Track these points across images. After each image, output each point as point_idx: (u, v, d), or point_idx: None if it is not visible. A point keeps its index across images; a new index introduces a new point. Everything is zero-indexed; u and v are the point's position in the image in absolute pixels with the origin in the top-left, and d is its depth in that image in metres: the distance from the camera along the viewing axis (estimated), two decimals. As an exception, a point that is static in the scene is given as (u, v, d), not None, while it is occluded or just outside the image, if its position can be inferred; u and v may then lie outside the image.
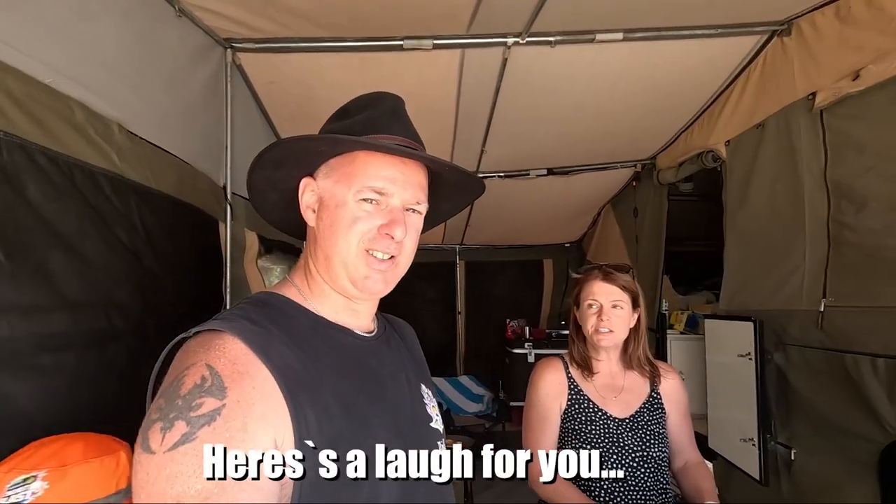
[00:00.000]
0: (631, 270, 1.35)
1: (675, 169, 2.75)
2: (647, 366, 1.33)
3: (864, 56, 1.56)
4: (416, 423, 0.72)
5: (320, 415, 0.56)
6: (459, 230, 4.36)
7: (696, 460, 1.33)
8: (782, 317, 1.85)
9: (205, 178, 1.70)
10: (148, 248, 1.22)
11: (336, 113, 0.72)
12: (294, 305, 0.67)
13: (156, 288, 1.25)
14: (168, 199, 1.37)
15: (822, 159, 1.72)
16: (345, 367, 0.64)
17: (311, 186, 0.68)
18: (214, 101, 1.85)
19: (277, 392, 0.54)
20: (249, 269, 2.03)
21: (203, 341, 0.56)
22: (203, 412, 0.50)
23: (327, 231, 0.66)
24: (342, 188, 0.65)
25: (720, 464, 2.23)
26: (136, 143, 1.24)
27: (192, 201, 1.59)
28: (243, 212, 2.04)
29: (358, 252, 0.65)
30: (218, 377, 0.52)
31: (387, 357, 0.73)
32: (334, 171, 0.67)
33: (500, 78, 2.07)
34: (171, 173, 1.42)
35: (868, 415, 1.47)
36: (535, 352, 4.15)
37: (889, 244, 1.48)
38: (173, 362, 0.56)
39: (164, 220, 1.33)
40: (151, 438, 0.49)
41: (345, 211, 0.65)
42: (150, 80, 1.38)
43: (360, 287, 0.66)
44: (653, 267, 2.99)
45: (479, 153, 2.80)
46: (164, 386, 0.53)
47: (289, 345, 0.59)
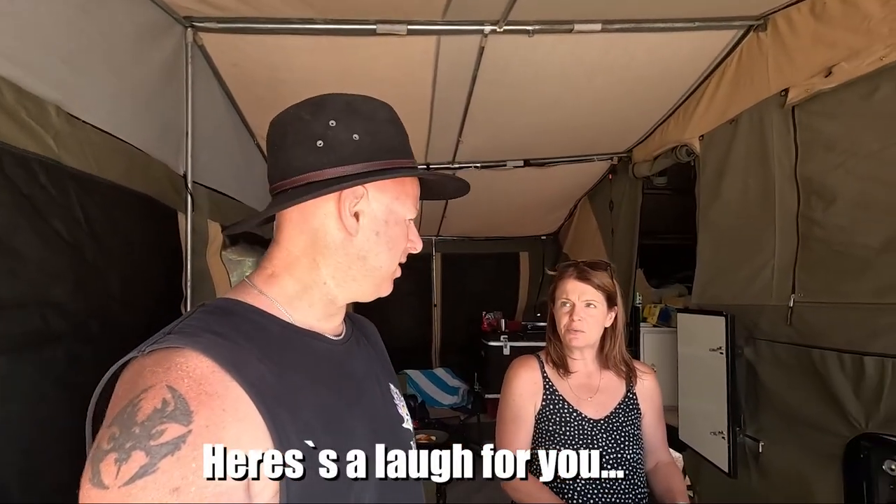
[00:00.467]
0: (610, 268, 1.32)
1: (649, 163, 2.75)
2: (623, 366, 1.31)
3: (836, 53, 1.56)
4: (391, 424, 0.72)
5: (301, 431, 0.53)
6: (436, 221, 4.31)
7: (667, 460, 1.33)
8: (752, 311, 1.87)
9: (161, 167, 1.59)
10: (91, 241, 1.12)
11: (342, 105, 0.67)
12: (260, 312, 0.62)
13: (100, 285, 1.16)
14: (116, 189, 1.26)
15: (793, 155, 1.73)
16: (321, 374, 0.62)
17: (358, 193, 0.65)
18: (172, 83, 1.73)
19: (253, 412, 0.50)
20: (213, 263, 1.93)
21: (160, 360, 0.50)
22: (165, 440, 0.45)
23: (382, 246, 0.67)
24: (400, 207, 0.68)
25: (689, 455, 2.26)
26: (78, 127, 1.13)
27: (146, 191, 1.48)
28: (206, 202, 1.93)
29: (396, 264, 0.70)
30: (182, 400, 0.47)
31: (358, 359, 0.72)
32: (391, 188, 0.67)
33: (476, 66, 2.01)
34: (121, 160, 1.31)
35: (834, 409, 1.50)
36: (510, 344, 4.16)
37: (856, 241, 1.50)
38: (122, 385, 0.50)
39: (112, 211, 1.23)
40: (104, 472, 0.43)
41: (400, 229, 0.68)
42: (97, 59, 1.27)
43: (383, 292, 0.71)
44: (627, 260, 3.01)
45: (456, 143, 2.75)
46: (115, 412, 0.47)
47: (261, 357, 0.55)
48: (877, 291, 1.41)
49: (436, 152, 2.88)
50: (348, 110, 0.66)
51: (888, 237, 1.40)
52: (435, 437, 2.77)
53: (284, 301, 0.64)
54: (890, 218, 1.40)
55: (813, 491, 1.59)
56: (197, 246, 1.84)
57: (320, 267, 0.65)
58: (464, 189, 0.78)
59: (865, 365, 1.40)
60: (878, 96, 1.46)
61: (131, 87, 1.42)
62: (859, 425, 1.43)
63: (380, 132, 0.66)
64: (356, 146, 0.64)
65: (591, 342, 1.30)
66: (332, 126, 0.64)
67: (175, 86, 1.74)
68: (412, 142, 0.72)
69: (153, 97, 1.58)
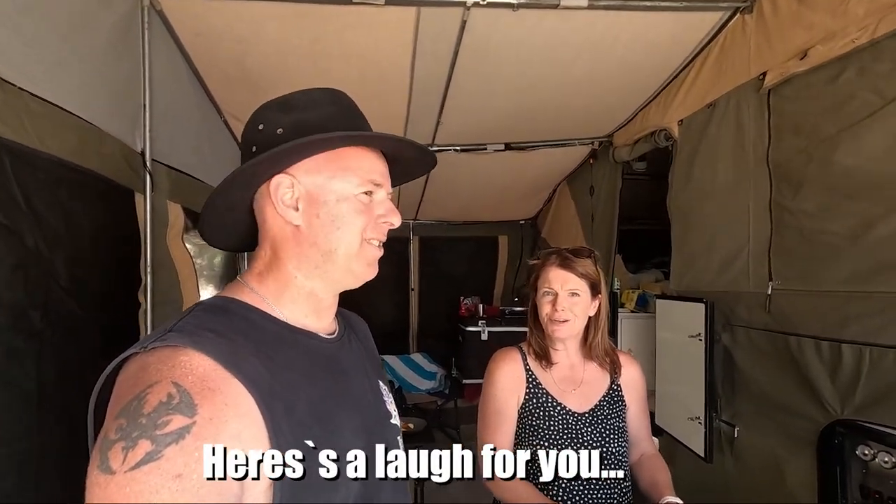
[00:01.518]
0: (593, 255, 1.27)
1: (629, 147, 2.73)
2: (606, 357, 1.28)
3: (813, 35, 1.54)
4: (380, 421, 0.73)
5: (295, 428, 0.55)
6: (414, 205, 4.22)
7: (651, 452, 1.31)
8: (730, 298, 1.87)
9: (115, 143, 1.46)
10: (32, 223, 1.00)
11: (275, 106, 0.69)
12: (257, 312, 0.64)
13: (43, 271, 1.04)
14: (62, 165, 1.14)
15: (766, 140, 1.73)
16: (315, 373, 0.64)
17: (288, 183, 0.65)
18: (128, 52, 1.59)
19: (253, 407, 0.52)
20: (175, 246, 1.81)
21: (163, 357, 0.52)
22: (170, 430, 0.47)
23: (328, 227, 0.65)
24: (341, 183, 0.66)
25: (666, 440, 2.29)
26: (13, 95, 1.01)
27: (99, 169, 1.36)
28: (166, 181, 1.80)
29: (361, 242, 0.67)
30: (186, 394, 0.49)
31: (350, 357, 0.73)
32: (325, 166, 0.66)
33: (458, 42, 1.92)
34: (68, 135, 1.19)
35: (810, 395, 1.51)
36: (488, 329, 4.14)
37: (825, 228, 1.50)
38: (126, 379, 0.52)
39: (57, 190, 1.11)
40: (112, 458, 0.46)
41: (348, 204, 0.66)
42: (36, 19, 1.13)
43: (362, 276, 0.69)
44: (606, 246, 3.00)
45: (435, 125, 2.66)
46: (121, 405, 0.49)
47: (257, 355, 0.57)
48: (848, 279, 1.42)
49: (415, 134, 2.78)
50: (280, 109, 0.68)
51: (856, 224, 1.40)
52: (413, 426, 2.73)
53: (273, 299, 0.66)
54: (855, 204, 1.40)
55: (785, 475, 1.61)
56: (157, 229, 1.72)
57: (285, 262, 0.66)
58: (429, 159, 0.76)
59: (843, 352, 1.41)
60: (840, 80, 1.46)
61: (79, 54, 1.29)
62: (835, 411, 1.44)
63: (310, 120, 0.66)
64: (278, 140, 0.65)
65: (575, 332, 1.25)
66: (260, 129, 0.67)
67: (130, 55, 1.60)
68: (388, 124, 0.67)
69: (105, 66, 1.44)
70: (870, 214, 1.36)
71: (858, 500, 1.38)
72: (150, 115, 1.69)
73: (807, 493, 1.51)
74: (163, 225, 1.75)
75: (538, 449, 1.18)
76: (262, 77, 2.09)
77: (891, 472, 1.29)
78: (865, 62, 1.38)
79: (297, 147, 0.64)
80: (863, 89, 1.38)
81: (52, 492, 0.99)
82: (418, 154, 0.75)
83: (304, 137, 0.64)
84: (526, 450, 1.20)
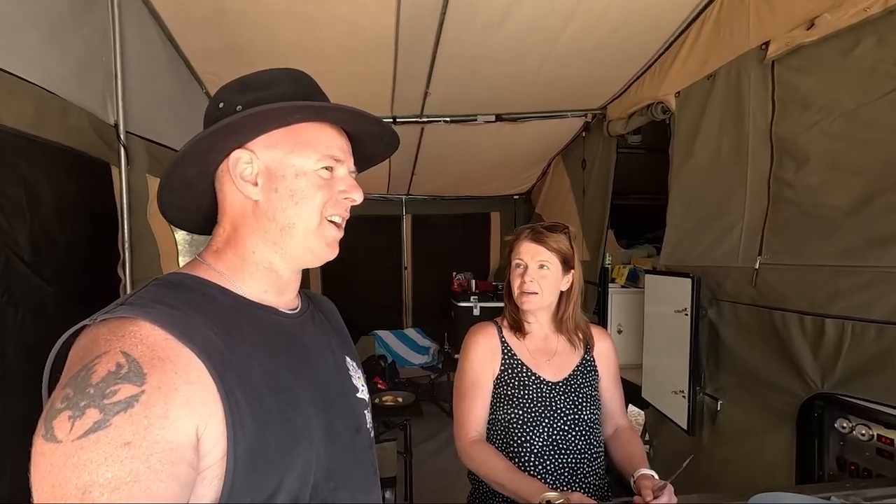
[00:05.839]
0: (567, 231, 1.27)
1: (624, 120, 2.66)
2: (578, 330, 1.29)
3: (820, 3, 1.47)
4: (343, 394, 0.74)
5: (250, 395, 0.55)
6: (405, 180, 4.17)
7: (626, 425, 1.33)
8: (718, 273, 1.86)
9: (82, 114, 1.40)
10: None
11: (235, 85, 0.69)
12: (213, 286, 0.64)
13: (6, 248, 1.01)
14: (17, 136, 1.09)
15: (770, 113, 1.67)
16: (272, 345, 0.64)
17: (247, 159, 0.66)
18: (93, 16, 1.51)
19: (205, 375, 0.52)
20: (156, 222, 1.78)
21: (114, 328, 0.52)
22: (119, 399, 0.47)
23: (286, 201, 0.65)
24: (299, 158, 0.66)
25: (651, 412, 2.31)
26: (-40, 60, 0.96)
27: (65, 141, 1.31)
28: (143, 156, 1.75)
29: (320, 219, 0.67)
30: (136, 364, 0.49)
31: (312, 332, 0.73)
32: (283, 141, 0.66)
33: (444, 6, 1.84)
34: (25, 105, 1.13)
35: (792, 370, 1.51)
36: (480, 305, 4.15)
37: (826, 202, 1.47)
38: (77, 350, 0.53)
39: (16, 162, 1.07)
40: (57, 427, 0.45)
41: (307, 180, 0.66)
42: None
43: (321, 255, 0.69)
44: (599, 220, 2.97)
45: (423, 95, 2.58)
46: (69, 375, 0.49)
47: (211, 327, 0.57)
48: (840, 253, 1.40)
49: (402, 105, 2.71)
50: (240, 89, 0.68)
51: (857, 198, 1.37)
52: (402, 399, 2.75)
53: (231, 275, 0.66)
54: (861, 179, 1.37)
55: (764, 448, 1.63)
56: (135, 203, 1.68)
57: (244, 238, 0.66)
58: (389, 137, 0.75)
59: (826, 327, 1.40)
60: (857, 51, 1.39)
61: (33, 15, 1.22)
62: (815, 385, 1.45)
63: (269, 99, 0.65)
64: (236, 105, 0.65)
65: (545, 305, 1.26)
66: (220, 108, 0.67)
67: (96, 20, 1.52)
68: (374, 93, 0.64)
69: (66, 30, 1.37)
70: (873, 188, 1.32)
71: (835, 471, 1.40)
72: (123, 86, 1.63)
73: (784, 466, 1.53)
74: (142, 200, 1.71)
75: (513, 417, 1.20)
76: (244, 46, 2.01)
77: (868, 444, 1.30)
78: (883, 32, 1.31)
79: (247, 119, 0.63)
80: (883, 62, 1.30)
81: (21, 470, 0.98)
82: (377, 129, 0.73)
83: (254, 108, 0.63)
84: (501, 418, 1.22)
